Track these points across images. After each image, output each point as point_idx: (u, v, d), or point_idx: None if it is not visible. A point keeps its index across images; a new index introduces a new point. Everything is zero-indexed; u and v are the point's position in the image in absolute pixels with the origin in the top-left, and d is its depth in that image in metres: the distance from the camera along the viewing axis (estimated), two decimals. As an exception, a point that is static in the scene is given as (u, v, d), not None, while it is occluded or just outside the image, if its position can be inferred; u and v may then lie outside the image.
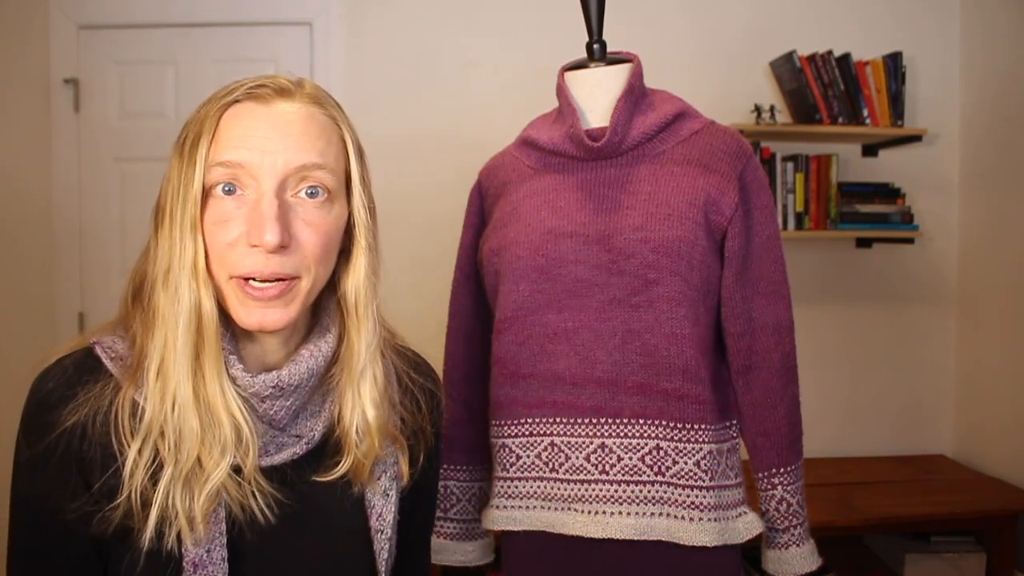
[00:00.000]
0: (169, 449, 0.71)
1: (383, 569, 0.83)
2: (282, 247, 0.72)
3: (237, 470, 0.74)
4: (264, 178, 0.72)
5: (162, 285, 0.73)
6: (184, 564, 0.72)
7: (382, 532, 0.83)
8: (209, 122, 0.73)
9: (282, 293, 0.74)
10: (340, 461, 0.80)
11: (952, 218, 2.68)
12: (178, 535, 0.71)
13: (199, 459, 0.71)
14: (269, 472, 0.76)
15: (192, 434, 0.71)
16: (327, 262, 0.77)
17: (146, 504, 0.71)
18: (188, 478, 0.71)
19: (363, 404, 0.79)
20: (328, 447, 0.81)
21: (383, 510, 0.83)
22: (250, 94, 0.74)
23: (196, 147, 0.72)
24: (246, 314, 0.74)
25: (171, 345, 0.72)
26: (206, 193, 0.73)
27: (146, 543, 0.71)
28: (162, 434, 0.72)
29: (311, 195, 0.75)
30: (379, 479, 0.83)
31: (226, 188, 0.73)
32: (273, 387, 0.75)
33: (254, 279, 0.73)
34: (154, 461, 0.72)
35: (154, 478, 0.71)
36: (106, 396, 0.74)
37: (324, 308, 0.83)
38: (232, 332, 0.78)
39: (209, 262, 0.74)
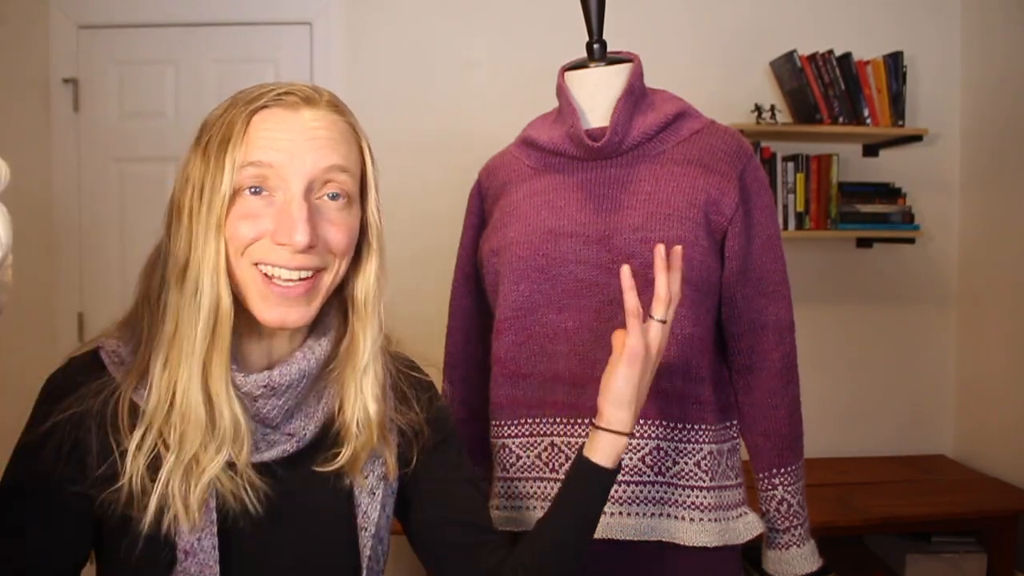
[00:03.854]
0: (172, 439, 0.75)
1: (366, 566, 0.85)
2: (310, 247, 0.75)
3: (231, 465, 0.77)
4: (293, 179, 0.75)
5: (176, 283, 0.76)
6: (177, 552, 0.76)
7: (366, 530, 0.85)
8: (239, 126, 0.75)
9: (307, 291, 0.78)
10: (339, 453, 0.83)
11: (952, 218, 2.68)
12: (173, 522, 0.75)
13: (198, 452, 0.75)
14: (259, 467, 0.79)
15: (198, 426, 0.74)
16: (349, 257, 0.81)
17: (145, 491, 0.74)
18: (187, 468, 0.75)
19: (365, 398, 0.83)
20: (326, 440, 0.84)
21: (368, 508, 0.86)
22: (278, 100, 0.77)
23: (224, 149, 0.74)
24: (267, 310, 0.77)
25: (186, 340, 0.75)
26: (233, 194, 0.75)
27: (145, 527, 0.74)
28: (162, 426, 0.75)
29: (333, 198, 0.78)
30: (367, 477, 0.86)
31: (254, 189, 0.76)
32: (264, 387, 0.78)
33: (278, 275, 0.76)
34: (152, 452, 0.75)
35: (151, 467, 0.75)
36: (104, 392, 0.77)
37: (327, 309, 0.85)
38: (236, 331, 0.80)
39: (228, 258, 0.76)
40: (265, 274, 0.76)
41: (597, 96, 1.22)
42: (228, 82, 0.81)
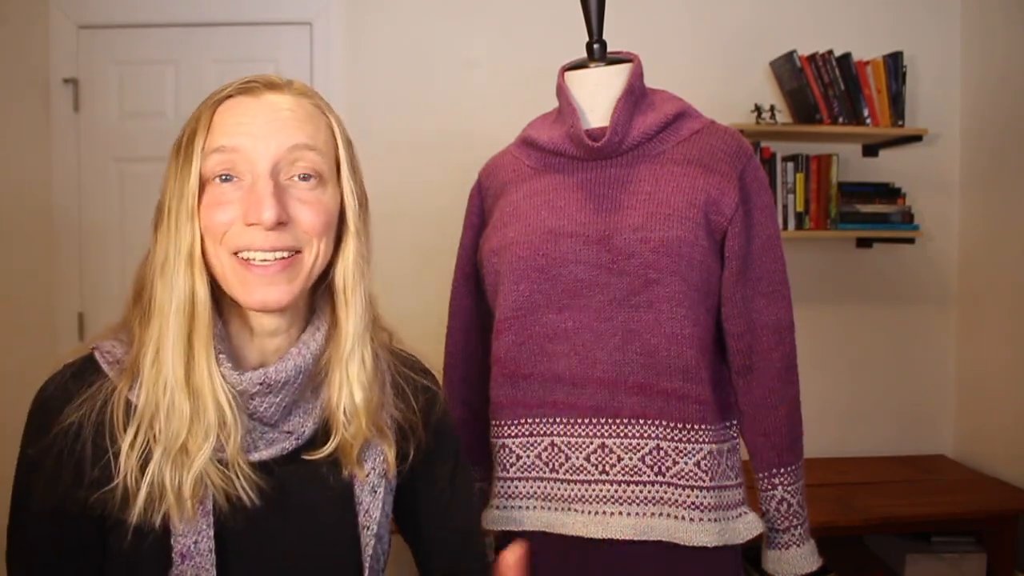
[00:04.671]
0: (159, 431, 0.74)
1: (368, 566, 0.85)
2: (280, 224, 0.75)
3: (224, 463, 0.76)
4: (259, 161, 0.75)
5: (159, 276, 0.76)
6: (173, 555, 0.75)
7: (368, 528, 0.85)
8: (204, 118, 0.76)
9: (285, 268, 0.77)
10: (328, 442, 0.82)
11: (952, 218, 2.68)
12: (165, 521, 0.74)
13: (185, 441, 0.74)
14: (258, 466, 0.78)
15: (182, 416, 0.74)
16: (328, 238, 0.80)
17: (138, 488, 0.74)
18: (175, 459, 0.74)
19: (351, 385, 0.82)
20: (325, 435, 0.83)
21: (370, 506, 0.85)
22: (241, 89, 0.78)
23: (192, 142, 0.76)
24: (247, 293, 0.77)
25: (165, 330, 0.75)
26: (204, 184, 0.76)
27: (134, 519, 0.73)
28: (153, 421, 0.75)
29: (304, 179, 0.78)
30: (368, 475, 0.85)
31: (223, 177, 0.76)
32: (260, 384, 0.78)
33: (254, 256, 0.76)
34: (145, 448, 0.74)
35: (144, 463, 0.74)
36: (101, 396, 0.76)
37: (320, 303, 0.85)
38: (228, 329, 0.80)
39: (205, 248, 0.76)
40: (244, 260, 0.76)
41: (597, 96, 1.22)
42: (228, 82, 0.81)
